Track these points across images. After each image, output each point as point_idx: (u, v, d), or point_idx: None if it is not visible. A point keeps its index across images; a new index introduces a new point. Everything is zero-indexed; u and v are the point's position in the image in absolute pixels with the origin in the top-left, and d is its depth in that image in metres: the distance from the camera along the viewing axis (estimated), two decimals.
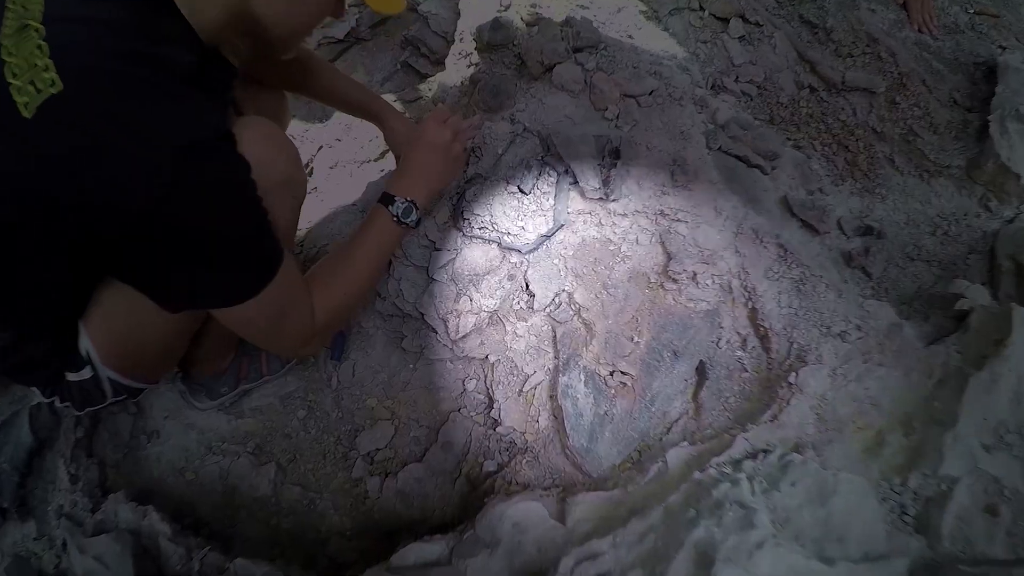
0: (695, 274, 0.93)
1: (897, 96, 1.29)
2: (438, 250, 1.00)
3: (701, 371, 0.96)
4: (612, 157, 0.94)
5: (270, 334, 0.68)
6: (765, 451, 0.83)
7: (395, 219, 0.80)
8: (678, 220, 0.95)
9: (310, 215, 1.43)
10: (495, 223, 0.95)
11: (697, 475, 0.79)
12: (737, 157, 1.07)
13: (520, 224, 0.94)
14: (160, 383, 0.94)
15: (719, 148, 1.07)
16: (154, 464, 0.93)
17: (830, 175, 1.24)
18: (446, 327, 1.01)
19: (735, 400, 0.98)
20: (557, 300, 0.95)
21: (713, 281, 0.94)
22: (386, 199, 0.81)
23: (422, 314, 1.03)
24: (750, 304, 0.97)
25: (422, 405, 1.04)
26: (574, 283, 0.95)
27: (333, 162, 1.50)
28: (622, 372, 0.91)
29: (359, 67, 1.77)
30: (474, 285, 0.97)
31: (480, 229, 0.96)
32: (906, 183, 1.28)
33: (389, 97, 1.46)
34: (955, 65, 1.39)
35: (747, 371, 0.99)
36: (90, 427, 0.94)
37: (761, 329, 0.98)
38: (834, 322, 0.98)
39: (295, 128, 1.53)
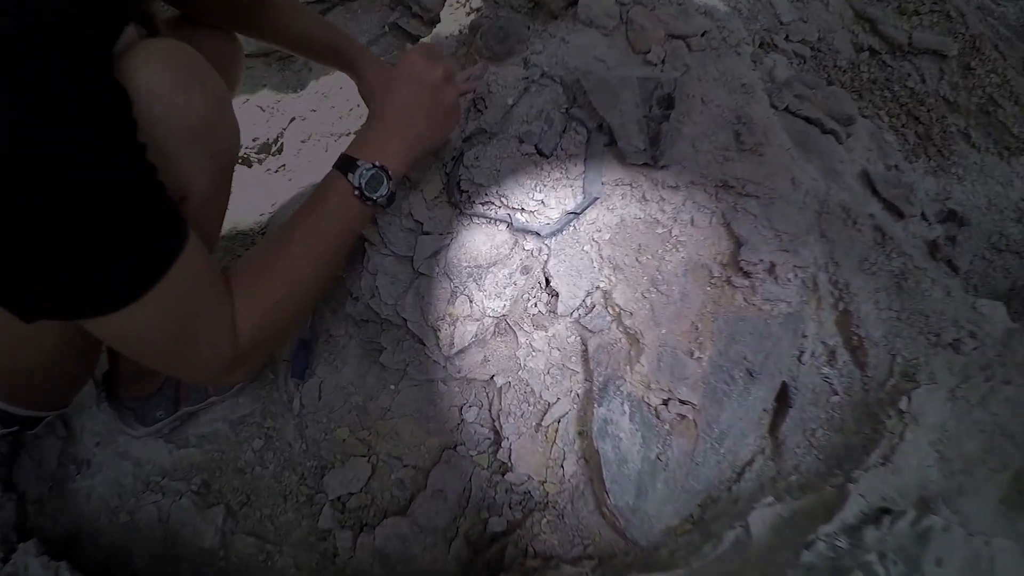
0: (773, 265, 0.69)
1: (972, 61, 1.09)
2: (426, 234, 0.74)
3: (783, 396, 0.72)
4: (662, 108, 0.70)
5: (171, 356, 0.46)
6: (889, 512, 0.59)
7: (357, 192, 0.55)
8: (746, 194, 0.72)
9: (277, 197, 1.17)
10: (504, 196, 0.70)
11: (805, 555, 0.54)
12: (807, 120, 0.85)
13: (538, 197, 0.69)
14: (70, 408, 0.77)
15: (785, 108, 0.85)
16: (83, 501, 0.77)
17: (902, 150, 1.03)
18: (437, 338, 0.75)
19: (824, 433, 0.74)
20: (589, 301, 0.70)
21: (796, 275, 0.70)
22: (345, 163, 0.56)
23: (405, 320, 0.77)
24: (840, 305, 0.74)
25: (407, 439, 0.83)
26: (612, 278, 0.70)
27: (306, 135, 1.25)
28: (680, 400, 0.66)
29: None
30: (475, 281, 0.72)
31: (484, 205, 0.71)
32: (984, 162, 1.08)
33: None
34: (1021, 32, 1.22)
35: (837, 393, 0.75)
36: (9, 454, 0.77)
37: (854, 338, 0.74)
38: (943, 328, 0.76)
39: (265, 99, 1.28)
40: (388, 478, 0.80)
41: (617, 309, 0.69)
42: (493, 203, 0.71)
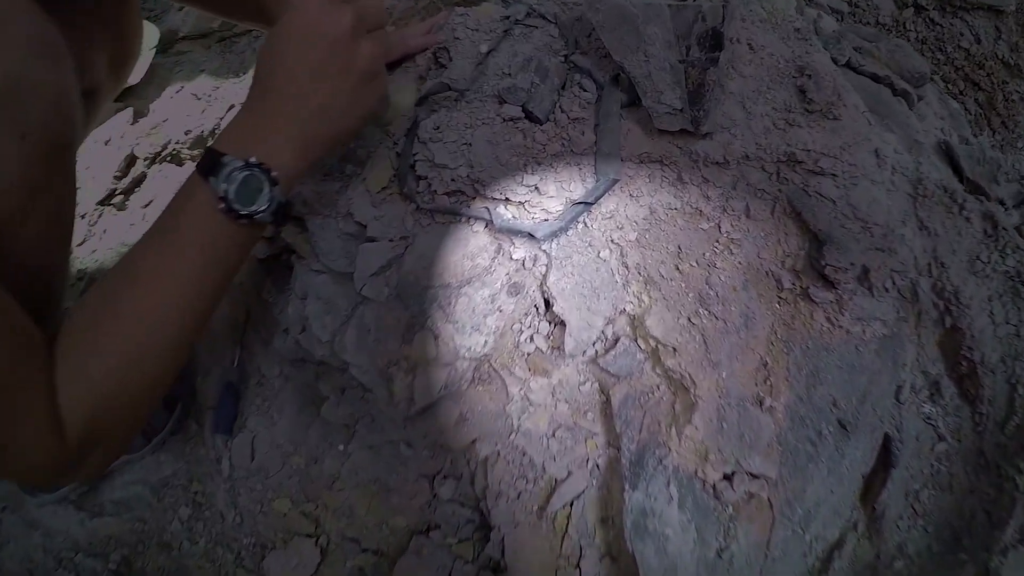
0: (866, 271, 0.49)
1: None
2: (371, 240, 0.52)
3: (884, 453, 0.51)
4: (706, 49, 0.49)
5: None
6: None
7: (222, 204, 0.37)
8: (819, 171, 0.51)
9: None
10: (480, 183, 0.48)
11: None
12: (874, 77, 0.65)
13: (530, 183, 0.47)
14: None
15: (846, 64, 0.65)
16: None
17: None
18: (390, 389, 0.52)
19: (929, 494, 0.54)
20: (610, 332, 0.48)
21: (894, 283, 0.50)
22: (208, 162, 0.37)
23: (346, 364, 0.54)
24: (947, 320, 0.54)
25: (363, 516, 0.65)
26: (643, 297, 0.48)
27: None
28: (751, 475, 0.45)
29: None
30: (442, 308, 0.49)
31: (450, 196, 0.49)
32: None
33: None
34: None
35: (943, 439, 0.55)
36: None
37: (963, 363, 0.55)
38: None
39: (202, 86, 1.05)
40: (342, 565, 0.64)
41: (653, 343, 0.47)
42: (464, 193, 0.49)
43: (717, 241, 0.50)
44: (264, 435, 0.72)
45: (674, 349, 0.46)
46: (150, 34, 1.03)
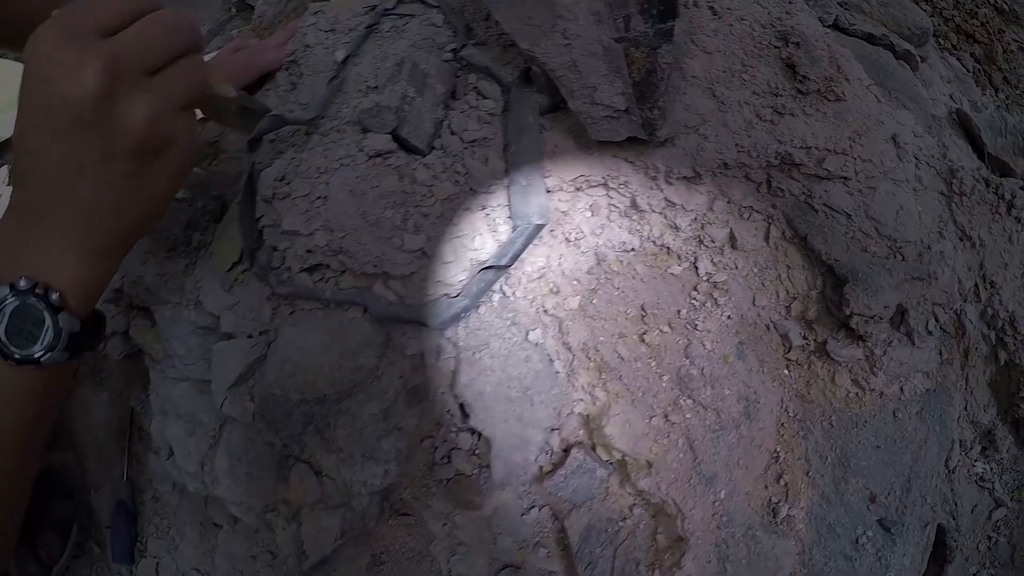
0: (903, 313, 0.35)
1: None
2: (228, 337, 0.37)
3: (939, 546, 0.39)
4: (653, 20, 0.33)
5: None
6: None
7: None
8: (825, 176, 0.37)
9: None
10: (344, 252, 0.32)
11: None
12: (870, 39, 0.51)
13: (414, 246, 0.32)
14: None
15: (833, 24, 0.51)
16: None
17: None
18: (275, 542, 0.37)
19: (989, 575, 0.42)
20: (556, 442, 0.34)
21: (936, 320, 0.37)
22: None
23: (223, 500, 0.40)
24: (1002, 355, 0.41)
25: None
26: (595, 390, 0.34)
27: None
28: None
29: None
30: (319, 432, 0.34)
31: (312, 272, 0.34)
32: None
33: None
34: None
35: (1002, 504, 0.43)
36: None
37: (1020, 405, 0.42)
38: None
39: None
40: None
41: (618, 454, 0.33)
42: (328, 268, 0.33)
43: (695, 290, 0.36)
44: (167, 562, 0.59)
45: (648, 464, 0.32)
46: None
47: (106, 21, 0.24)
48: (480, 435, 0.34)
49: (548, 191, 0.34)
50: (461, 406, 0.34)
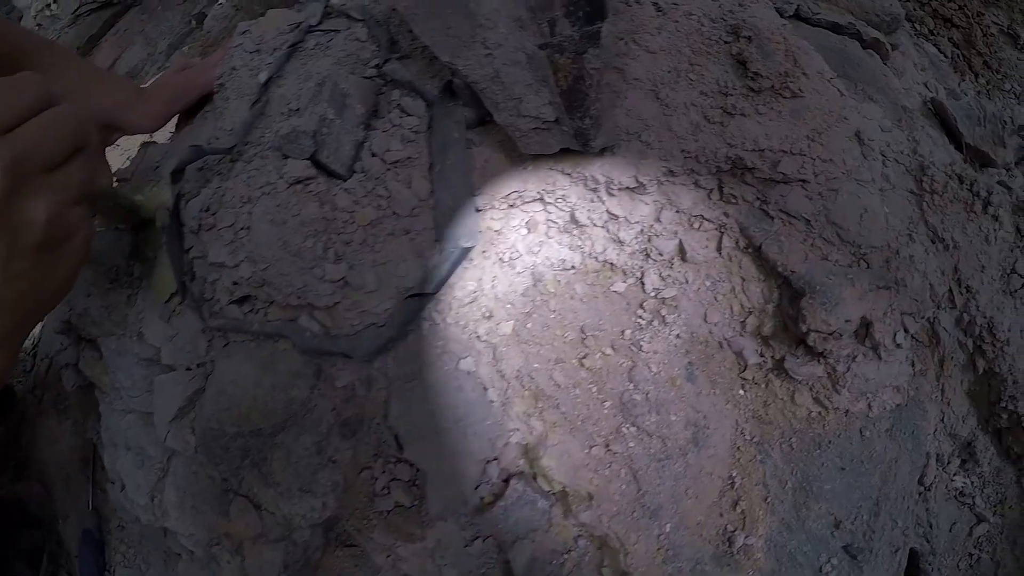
0: (868, 325, 0.33)
1: None
2: (169, 369, 0.36)
3: (912, 571, 0.36)
4: (580, 22, 0.31)
5: None
6: None
7: None
8: (781, 179, 0.35)
9: None
10: (268, 283, 0.31)
11: None
12: (835, 28, 0.48)
13: (336, 275, 0.31)
14: None
15: (795, 15, 0.48)
16: None
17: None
18: (217, 568, 0.37)
19: None
20: (495, 473, 0.32)
21: (906, 331, 0.34)
22: None
23: (175, 533, 0.39)
24: (980, 362, 0.38)
25: None
26: (531, 419, 0.32)
27: None
28: None
29: (137, 37, 1.14)
30: (256, 466, 0.33)
31: (240, 304, 0.33)
32: None
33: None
34: None
35: (984, 519, 0.40)
36: None
37: (1003, 415, 0.39)
38: None
39: None
40: None
41: (557, 487, 0.31)
42: (256, 299, 0.32)
43: (641, 307, 0.34)
44: None
45: (589, 496, 0.30)
46: None
47: (2, 119, 0.24)
48: (413, 467, 0.33)
49: (478, 210, 0.32)
50: (396, 437, 0.32)
